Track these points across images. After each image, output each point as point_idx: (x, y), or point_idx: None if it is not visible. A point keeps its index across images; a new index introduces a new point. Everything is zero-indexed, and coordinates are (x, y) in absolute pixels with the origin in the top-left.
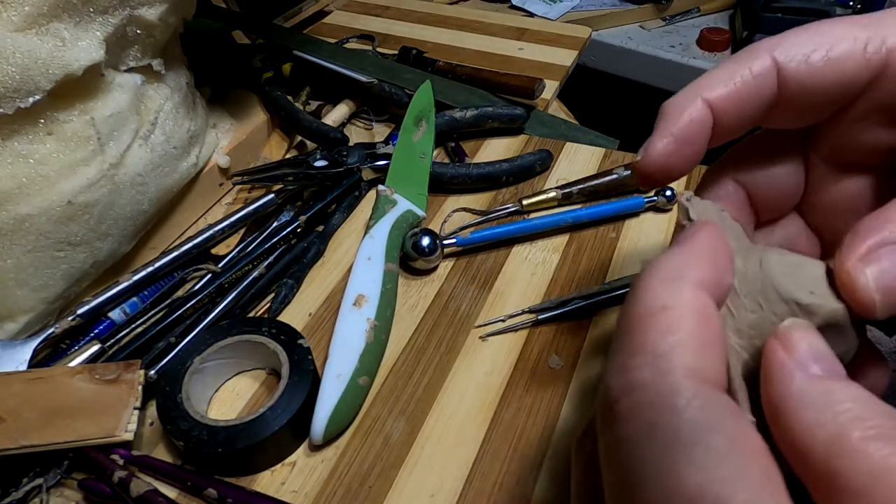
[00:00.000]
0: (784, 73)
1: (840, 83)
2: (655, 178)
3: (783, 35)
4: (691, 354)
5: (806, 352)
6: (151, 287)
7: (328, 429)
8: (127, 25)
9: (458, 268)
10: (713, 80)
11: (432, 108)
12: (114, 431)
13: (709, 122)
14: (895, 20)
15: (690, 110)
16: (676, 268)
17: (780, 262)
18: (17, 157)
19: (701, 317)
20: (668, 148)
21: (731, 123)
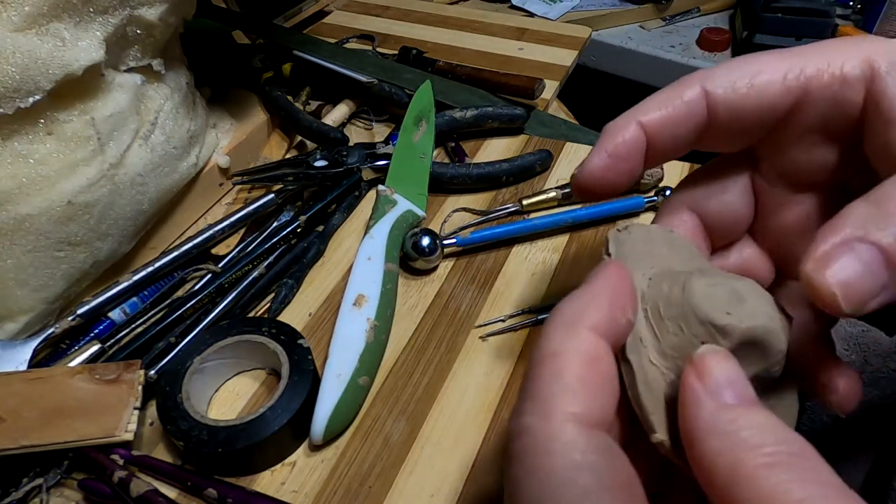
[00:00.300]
0: (712, 99)
1: (763, 108)
2: (592, 192)
3: (712, 68)
4: (574, 399)
5: (718, 378)
6: (151, 287)
7: (328, 429)
8: (127, 25)
9: (458, 268)
10: (649, 105)
11: (432, 108)
12: (114, 431)
13: (642, 142)
14: (814, 52)
15: (625, 131)
16: (572, 313)
17: (702, 285)
18: (17, 157)
19: (589, 360)
20: (603, 163)
21: (665, 144)
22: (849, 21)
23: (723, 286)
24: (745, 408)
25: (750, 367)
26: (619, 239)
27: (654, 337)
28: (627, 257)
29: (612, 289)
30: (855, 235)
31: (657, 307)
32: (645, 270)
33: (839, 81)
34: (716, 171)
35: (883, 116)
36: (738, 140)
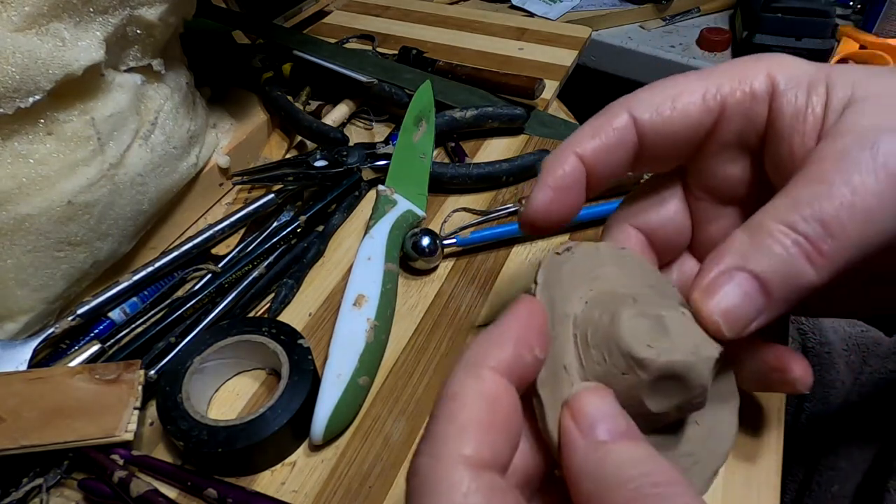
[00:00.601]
0: (640, 124)
1: (687, 128)
2: (540, 227)
3: (636, 92)
4: (465, 441)
5: (591, 415)
6: (151, 287)
7: (328, 429)
8: (127, 25)
9: (458, 268)
10: (582, 136)
11: (432, 108)
12: (114, 431)
13: (581, 172)
14: (727, 71)
15: (564, 164)
16: (476, 353)
17: (629, 315)
18: (17, 157)
19: (486, 402)
20: (547, 197)
21: (603, 171)
22: (849, 21)
23: (649, 318)
24: (616, 443)
25: (669, 399)
26: (555, 262)
27: (580, 364)
28: (563, 281)
29: (519, 327)
30: (734, 265)
31: (586, 334)
32: (583, 293)
33: (750, 97)
34: (653, 188)
35: (777, 132)
36: (670, 160)
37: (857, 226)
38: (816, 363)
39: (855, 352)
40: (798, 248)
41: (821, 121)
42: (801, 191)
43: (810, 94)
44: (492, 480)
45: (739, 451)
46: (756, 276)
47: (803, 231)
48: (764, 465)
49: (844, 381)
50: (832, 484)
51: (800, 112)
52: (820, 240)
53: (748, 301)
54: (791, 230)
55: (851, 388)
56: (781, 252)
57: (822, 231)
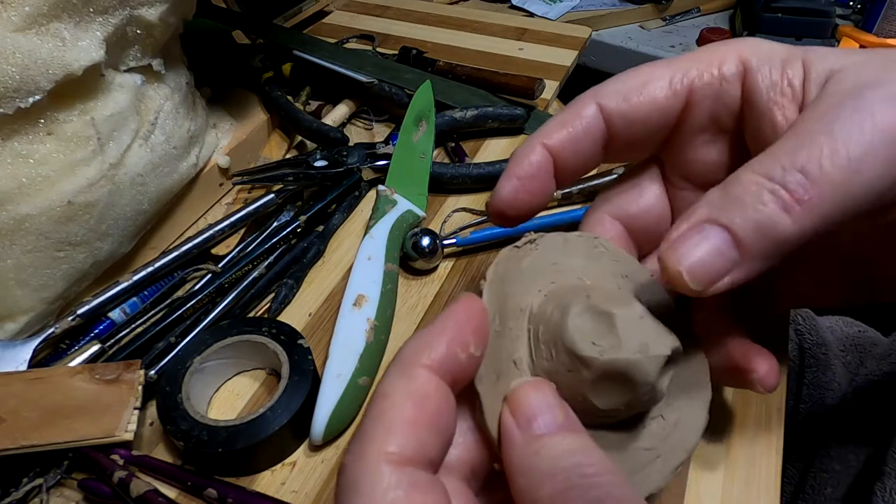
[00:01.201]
0: (607, 112)
1: (656, 114)
2: (508, 216)
3: (604, 83)
4: (390, 439)
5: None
6: (151, 287)
7: (328, 429)
8: (127, 25)
9: (458, 268)
10: (549, 127)
11: (432, 108)
12: (114, 431)
13: (548, 162)
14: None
15: (529, 154)
16: (409, 352)
17: (578, 311)
18: (17, 157)
19: (415, 400)
20: (513, 186)
21: (572, 162)
22: (849, 21)
23: (599, 314)
24: (552, 435)
25: (615, 397)
26: (513, 256)
27: (530, 359)
28: (524, 274)
29: (454, 325)
30: (706, 218)
31: (538, 329)
32: (543, 286)
33: (719, 79)
34: (631, 178)
35: (754, 108)
36: (642, 148)
37: (841, 174)
38: (813, 364)
39: (852, 352)
40: (773, 198)
41: (800, 93)
42: (782, 144)
43: (785, 69)
44: (414, 476)
45: (739, 452)
46: (727, 228)
47: (780, 179)
48: (764, 466)
49: (840, 383)
50: (826, 486)
51: (776, 86)
52: (799, 187)
53: (718, 255)
54: (767, 180)
55: (847, 389)
56: (756, 202)
57: (802, 178)
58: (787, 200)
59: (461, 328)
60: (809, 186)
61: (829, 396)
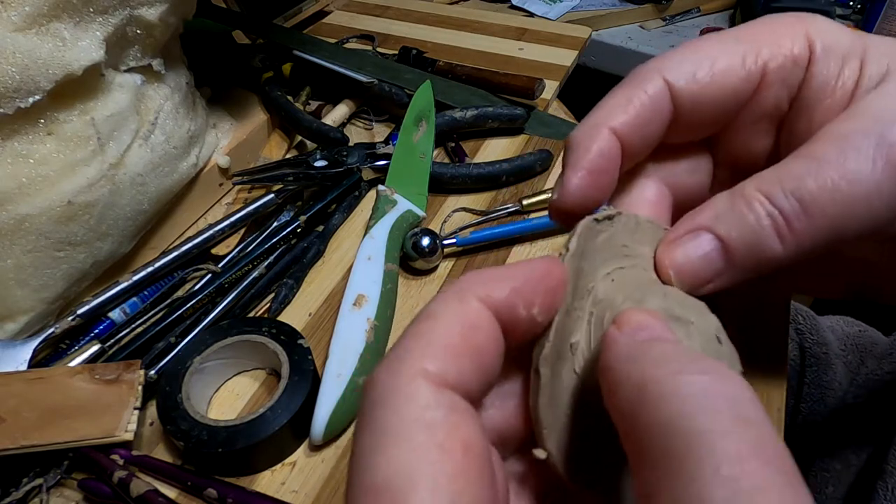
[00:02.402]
0: (676, 91)
1: (726, 97)
2: (574, 213)
3: (666, 55)
4: (430, 357)
5: (637, 322)
6: (151, 287)
7: (328, 429)
8: (127, 25)
9: (458, 268)
10: (613, 107)
11: (432, 108)
12: (114, 431)
13: (618, 150)
14: (763, 32)
15: (599, 142)
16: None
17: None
18: (17, 157)
19: (464, 326)
20: (583, 182)
21: (637, 147)
22: (849, 21)
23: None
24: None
25: None
26: (591, 231)
27: (588, 346)
28: (595, 252)
29: (524, 276)
30: (703, 225)
31: (603, 316)
32: (611, 270)
33: (791, 63)
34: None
35: (802, 103)
36: (702, 130)
37: (837, 211)
38: (814, 364)
39: (852, 352)
40: (770, 221)
41: (849, 96)
42: (791, 163)
43: (843, 67)
44: (454, 400)
45: None
46: (721, 239)
47: (779, 204)
48: None
49: (841, 383)
50: (827, 485)
51: (828, 85)
52: (794, 217)
53: (706, 261)
54: (768, 201)
55: (848, 388)
56: (753, 221)
57: (799, 209)
58: (782, 227)
59: (532, 283)
60: (804, 217)
61: (829, 396)
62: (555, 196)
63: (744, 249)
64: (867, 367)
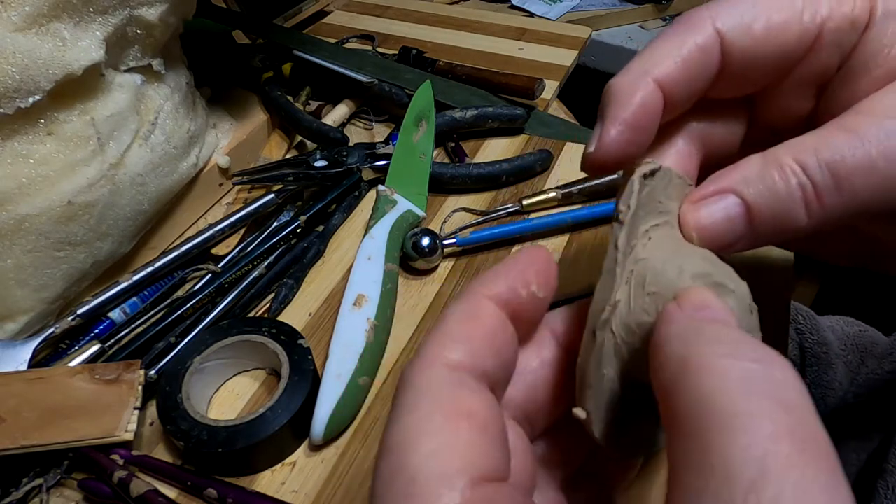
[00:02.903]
0: (727, 42)
1: (778, 54)
2: (608, 168)
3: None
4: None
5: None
6: (151, 287)
7: (328, 429)
8: (127, 25)
9: (458, 268)
10: (659, 55)
11: (432, 108)
12: (114, 431)
13: (660, 103)
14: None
15: (642, 93)
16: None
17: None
18: (17, 157)
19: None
20: (622, 136)
21: (679, 101)
22: None
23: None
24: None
25: None
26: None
27: (627, 305)
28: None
29: (515, 266)
30: (731, 188)
31: (644, 277)
32: (648, 226)
33: (849, 24)
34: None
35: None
36: (744, 88)
37: (870, 190)
38: (814, 363)
39: (853, 352)
40: (801, 192)
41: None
42: (830, 134)
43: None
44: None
45: None
46: (747, 203)
47: (813, 176)
48: None
49: (842, 383)
50: None
51: (881, 52)
52: (826, 191)
53: (729, 225)
54: (802, 171)
55: (848, 388)
56: (782, 190)
57: (832, 183)
58: (811, 198)
59: (523, 268)
60: (835, 192)
61: (830, 395)
62: (591, 148)
63: (768, 217)
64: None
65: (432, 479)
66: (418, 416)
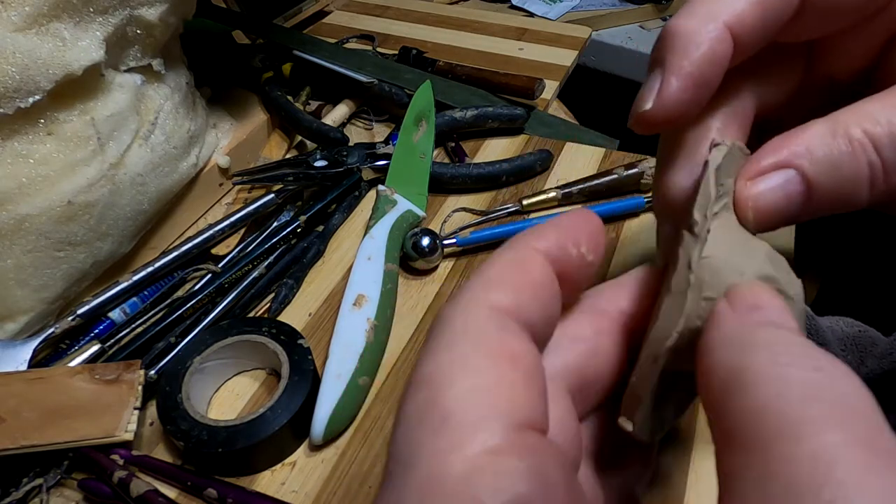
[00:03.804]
0: None
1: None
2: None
3: None
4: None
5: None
6: (151, 287)
7: (328, 429)
8: (127, 25)
9: (458, 268)
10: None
11: (432, 108)
12: (114, 431)
13: (730, 52)
14: None
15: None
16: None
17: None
18: (17, 157)
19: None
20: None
21: (752, 45)
22: None
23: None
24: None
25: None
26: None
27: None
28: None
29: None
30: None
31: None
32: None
33: None
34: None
35: None
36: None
37: None
38: None
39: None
40: (868, 171)
41: None
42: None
43: None
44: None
45: None
46: (808, 180)
47: (883, 153)
48: None
49: None
50: None
51: None
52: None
53: (786, 203)
54: (873, 147)
55: None
56: (849, 168)
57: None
58: (878, 177)
59: (575, 227)
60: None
61: None
62: (648, 105)
63: (828, 195)
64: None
65: (469, 418)
66: (457, 353)
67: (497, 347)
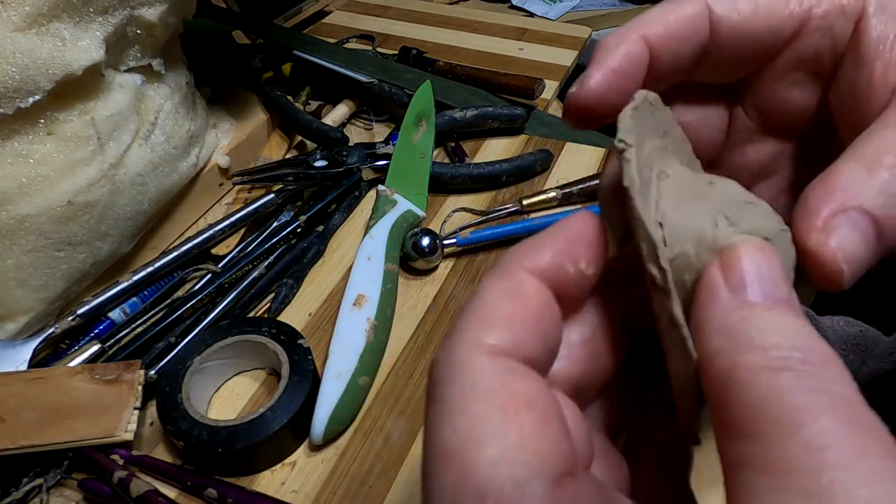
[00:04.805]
0: (715, 17)
1: (767, 34)
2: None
3: None
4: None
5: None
6: (151, 287)
7: (328, 429)
8: (127, 25)
9: (458, 268)
10: (649, 18)
11: (432, 108)
12: (114, 431)
13: (645, 58)
14: None
15: (627, 45)
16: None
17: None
18: (17, 157)
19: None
20: (605, 79)
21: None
22: None
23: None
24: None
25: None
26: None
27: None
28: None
29: (564, 236)
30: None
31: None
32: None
33: (838, 10)
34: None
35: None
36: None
37: None
38: None
39: (854, 352)
40: None
41: None
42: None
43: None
44: (511, 364)
45: None
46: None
47: None
48: None
49: None
50: None
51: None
52: None
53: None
54: None
55: None
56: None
57: None
58: None
59: (572, 240)
60: None
61: None
62: (573, 90)
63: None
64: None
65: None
66: (473, 417)
67: (509, 400)
